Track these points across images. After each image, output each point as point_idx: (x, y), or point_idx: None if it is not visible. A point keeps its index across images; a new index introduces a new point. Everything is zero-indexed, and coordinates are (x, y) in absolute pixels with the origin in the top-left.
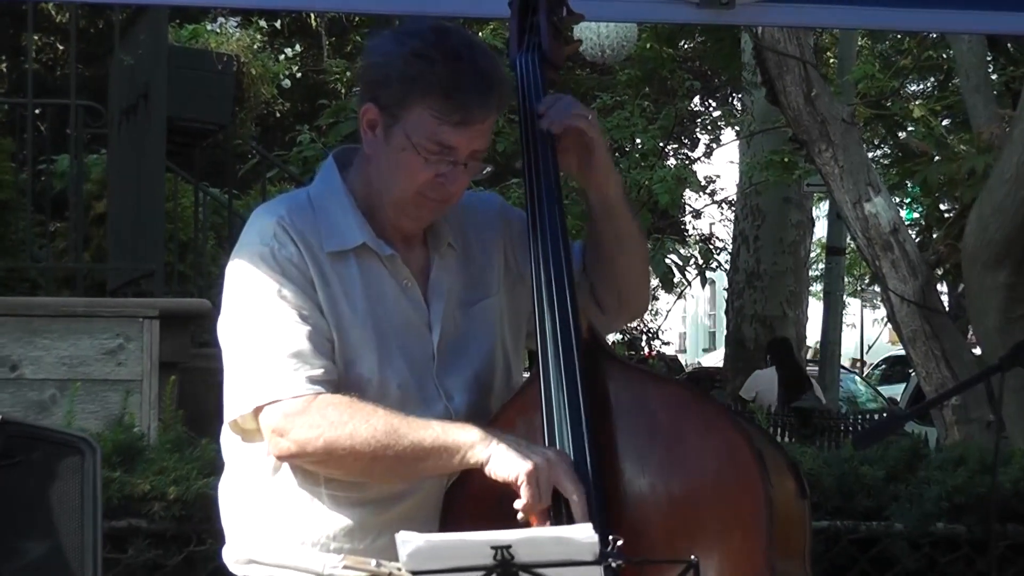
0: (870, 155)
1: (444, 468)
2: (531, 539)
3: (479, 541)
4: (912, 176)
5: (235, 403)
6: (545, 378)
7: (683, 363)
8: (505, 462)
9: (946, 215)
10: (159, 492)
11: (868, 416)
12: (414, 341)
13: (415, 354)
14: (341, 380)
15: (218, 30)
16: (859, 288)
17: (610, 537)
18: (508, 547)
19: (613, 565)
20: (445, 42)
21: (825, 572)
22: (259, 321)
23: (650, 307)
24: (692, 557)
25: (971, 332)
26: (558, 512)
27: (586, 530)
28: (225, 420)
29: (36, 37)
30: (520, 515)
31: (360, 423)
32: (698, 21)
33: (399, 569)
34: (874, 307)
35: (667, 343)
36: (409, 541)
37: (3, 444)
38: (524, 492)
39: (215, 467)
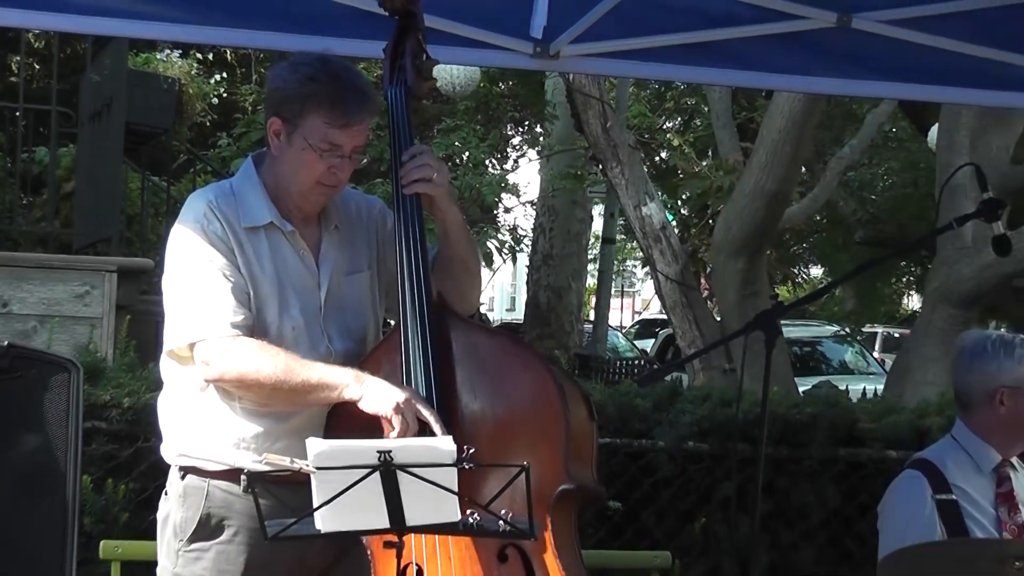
0: None
1: (327, 400)
2: (406, 446)
3: (368, 447)
4: (675, 190)
5: (173, 337)
6: (404, 329)
7: (490, 319)
8: (375, 400)
9: (692, 218)
10: (116, 402)
11: (627, 362)
12: (307, 296)
13: (307, 306)
14: (254, 324)
15: (164, 59)
16: (620, 269)
17: (464, 447)
18: (389, 452)
19: (466, 467)
20: (328, 67)
21: (606, 476)
22: (193, 278)
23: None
24: (524, 463)
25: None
26: (423, 434)
27: (448, 441)
28: (164, 349)
29: (19, 58)
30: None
31: (265, 362)
32: (533, 68)
33: (308, 465)
34: (631, 284)
35: (481, 304)
36: (316, 444)
37: (9, 363)
38: (396, 422)
39: (158, 384)
